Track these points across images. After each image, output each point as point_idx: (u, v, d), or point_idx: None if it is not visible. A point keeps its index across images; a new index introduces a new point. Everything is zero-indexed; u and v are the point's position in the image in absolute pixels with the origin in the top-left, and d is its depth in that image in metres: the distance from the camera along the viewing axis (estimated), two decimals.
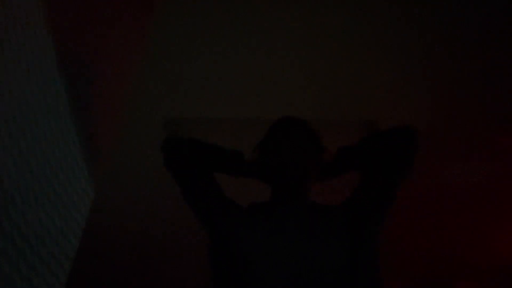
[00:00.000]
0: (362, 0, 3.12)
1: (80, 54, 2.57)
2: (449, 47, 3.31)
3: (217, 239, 2.04)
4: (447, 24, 3.19)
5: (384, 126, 3.58)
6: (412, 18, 3.18)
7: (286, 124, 2.12)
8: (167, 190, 4.21)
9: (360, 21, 3.19)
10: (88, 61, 2.64)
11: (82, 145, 2.62)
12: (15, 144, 2.00)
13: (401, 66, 3.43)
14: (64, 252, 2.48)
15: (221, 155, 2.16)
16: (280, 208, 2.02)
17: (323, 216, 2.01)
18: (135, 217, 4.52)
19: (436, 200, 4.36)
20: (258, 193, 2.19)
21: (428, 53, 3.35)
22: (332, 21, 3.19)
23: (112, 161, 3.77)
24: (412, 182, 2.19)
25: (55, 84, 2.35)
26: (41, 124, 2.21)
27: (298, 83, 3.48)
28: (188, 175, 2.11)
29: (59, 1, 2.36)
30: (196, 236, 4.31)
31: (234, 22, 3.18)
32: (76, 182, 2.60)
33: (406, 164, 2.08)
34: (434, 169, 4.11)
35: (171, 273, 5.12)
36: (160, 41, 3.25)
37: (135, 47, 3.02)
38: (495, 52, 3.32)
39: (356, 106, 3.61)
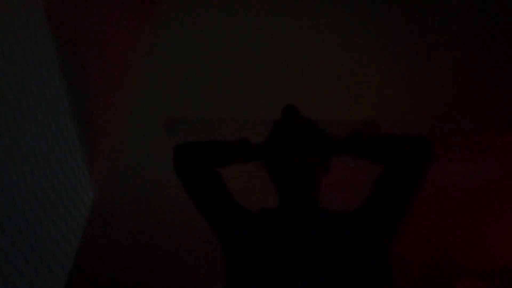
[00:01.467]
0: (362, 0, 3.12)
1: (80, 54, 2.57)
2: (449, 47, 3.31)
3: (230, 245, 2.02)
4: (447, 24, 3.19)
5: (384, 126, 3.61)
6: (412, 18, 3.18)
7: (290, 124, 2.11)
8: (167, 190, 4.21)
9: (360, 21, 3.19)
10: (88, 61, 2.64)
11: (82, 145, 2.62)
12: (15, 144, 2.00)
13: (401, 66, 3.42)
14: (64, 252, 2.48)
15: (227, 145, 2.16)
16: (292, 213, 2.01)
17: (335, 222, 1.99)
18: (135, 217, 4.51)
19: (436, 200, 4.35)
20: (264, 195, 2.18)
21: (428, 53, 3.35)
22: (332, 21, 3.19)
23: (112, 161, 3.77)
24: None
25: (55, 84, 2.34)
26: (41, 124, 2.21)
27: (298, 83, 3.48)
28: (200, 181, 2.09)
29: (60, 1, 2.36)
30: (196, 236, 4.31)
31: (234, 22, 3.18)
32: (76, 182, 2.60)
33: (421, 171, 2.09)
34: (434, 169, 4.11)
35: (171, 272, 5.12)
36: (160, 41, 3.25)
37: (135, 47, 3.02)
38: (495, 52, 3.32)
39: (356, 106, 3.61)
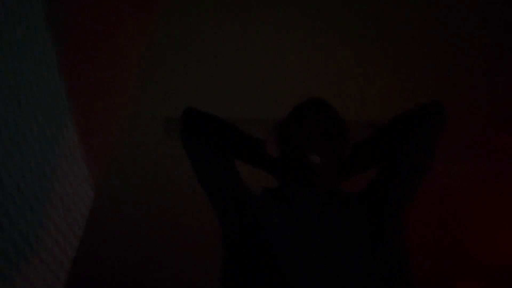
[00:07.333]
0: (363, 0, 3.13)
1: (80, 53, 2.57)
2: (449, 47, 3.32)
3: (232, 227, 1.90)
4: (447, 25, 3.20)
5: None
6: (413, 18, 3.18)
7: (315, 106, 2.05)
8: (167, 190, 4.21)
9: (361, 21, 3.20)
10: (88, 60, 2.64)
11: (82, 145, 2.62)
12: (15, 144, 1.99)
13: (401, 66, 3.43)
14: (64, 252, 2.48)
15: (242, 141, 2.03)
16: (298, 194, 1.89)
17: (342, 202, 1.90)
18: (135, 217, 4.52)
19: (436, 200, 4.36)
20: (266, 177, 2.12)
21: (428, 53, 3.35)
22: (333, 21, 3.20)
23: (112, 161, 3.77)
24: None
25: (55, 84, 2.34)
26: (41, 123, 2.21)
27: (298, 83, 3.48)
28: (206, 154, 1.96)
29: (60, 1, 2.36)
30: (196, 237, 4.32)
31: (235, 22, 3.19)
32: (76, 182, 2.60)
33: (431, 148, 2.02)
34: (435, 169, 4.11)
35: (170, 272, 5.12)
36: (160, 41, 3.25)
37: (135, 46, 3.02)
38: (494, 52, 3.33)
39: (356, 106, 3.62)
